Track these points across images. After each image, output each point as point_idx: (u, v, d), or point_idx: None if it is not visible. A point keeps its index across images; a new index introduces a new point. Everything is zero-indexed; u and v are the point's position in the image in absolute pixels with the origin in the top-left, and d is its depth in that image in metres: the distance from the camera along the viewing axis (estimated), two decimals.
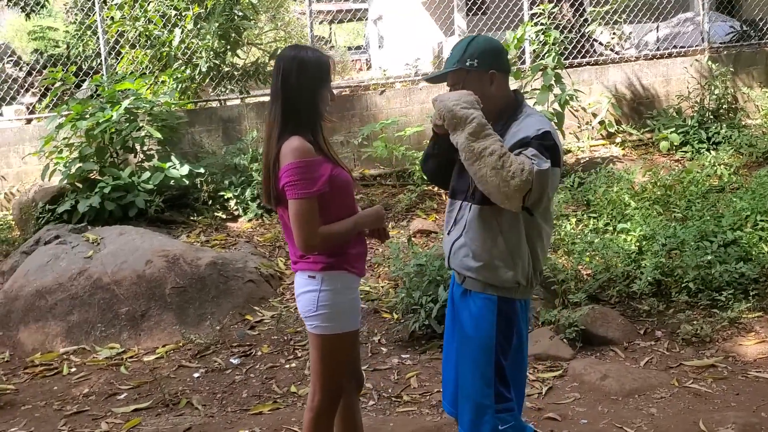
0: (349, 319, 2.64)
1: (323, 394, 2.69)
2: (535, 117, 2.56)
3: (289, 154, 2.50)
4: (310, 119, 2.58)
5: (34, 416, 3.97)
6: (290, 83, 2.55)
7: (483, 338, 2.59)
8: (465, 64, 2.53)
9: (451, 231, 2.67)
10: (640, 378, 4.03)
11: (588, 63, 8.85)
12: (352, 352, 2.74)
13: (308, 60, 2.57)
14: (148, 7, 7.87)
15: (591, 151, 8.42)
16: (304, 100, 2.56)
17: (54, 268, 5.34)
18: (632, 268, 5.05)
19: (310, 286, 2.61)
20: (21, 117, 8.10)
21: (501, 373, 2.61)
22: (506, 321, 2.60)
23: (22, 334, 4.99)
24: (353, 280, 2.65)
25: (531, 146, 2.43)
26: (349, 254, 2.63)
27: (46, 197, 6.76)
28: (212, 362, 4.56)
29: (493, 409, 2.59)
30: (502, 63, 2.59)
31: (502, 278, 2.56)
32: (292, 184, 2.49)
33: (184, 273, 5.32)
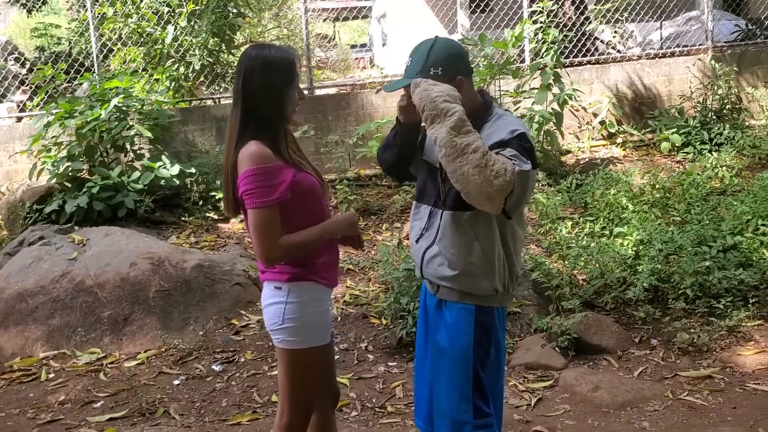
0: (317, 333, 2.50)
1: (292, 411, 2.56)
2: (508, 118, 2.45)
3: (246, 160, 2.36)
4: (272, 122, 2.43)
5: (6, 425, 3.86)
6: (253, 84, 2.40)
7: (460, 350, 2.47)
8: (429, 73, 2.37)
9: (419, 239, 2.53)
10: (633, 389, 3.89)
11: (589, 62, 8.69)
12: (322, 367, 2.60)
13: (272, 59, 2.41)
14: (140, 4, 7.74)
15: (591, 151, 8.26)
16: (268, 102, 2.41)
17: (36, 270, 5.22)
18: (628, 274, 4.90)
19: (276, 297, 2.47)
20: (12, 115, 7.99)
21: (479, 387, 2.48)
22: (484, 331, 2.48)
23: (2, 339, 4.87)
24: (322, 291, 2.51)
25: (510, 146, 2.31)
26: (317, 264, 2.48)
27: (33, 197, 6.65)
28: (194, 369, 4.43)
29: (471, 425, 2.47)
30: (466, 66, 2.46)
31: (479, 286, 2.44)
32: (250, 193, 2.35)
33: (169, 276, 5.19)
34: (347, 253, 6.10)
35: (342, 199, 6.88)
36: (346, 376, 4.25)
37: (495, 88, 7.40)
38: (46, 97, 7.52)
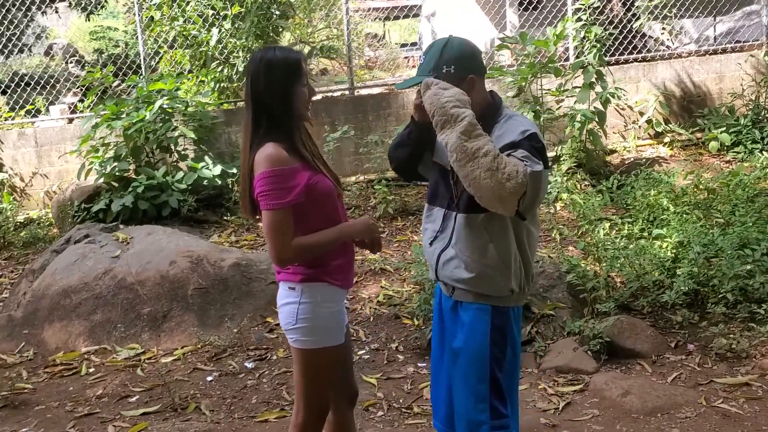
0: (330, 333, 2.53)
1: (307, 410, 2.59)
2: (518, 119, 2.44)
3: (262, 162, 2.40)
4: (284, 122, 2.46)
5: (45, 417, 4.00)
6: (259, 86, 2.45)
7: (476, 351, 2.47)
8: (441, 71, 2.39)
9: (433, 242, 2.54)
10: (665, 395, 3.80)
11: (635, 60, 8.51)
12: (335, 367, 2.62)
13: (275, 60, 2.46)
14: (186, 7, 7.91)
15: (637, 151, 8.10)
16: (276, 102, 2.45)
17: (81, 268, 5.39)
18: (665, 277, 4.79)
19: (290, 297, 2.51)
20: (63, 116, 8.27)
21: (496, 387, 2.48)
22: (500, 331, 2.48)
23: (47, 333, 5.05)
24: (335, 292, 2.53)
25: (521, 147, 2.30)
26: (331, 266, 2.51)
27: (82, 196, 6.87)
28: (227, 365, 4.52)
29: (488, 426, 2.46)
30: (478, 66, 2.46)
31: (495, 287, 2.45)
32: (264, 194, 2.39)
33: (207, 274, 5.30)
34: (382, 254, 6.13)
35: (381, 199, 6.90)
36: (374, 375, 4.27)
37: (537, 87, 7.32)
38: (96, 99, 7.75)
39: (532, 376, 4.23)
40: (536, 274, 5.03)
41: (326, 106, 7.92)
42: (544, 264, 5.12)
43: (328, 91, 8.56)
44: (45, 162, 7.81)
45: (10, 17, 9.30)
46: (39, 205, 7.93)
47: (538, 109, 7.07)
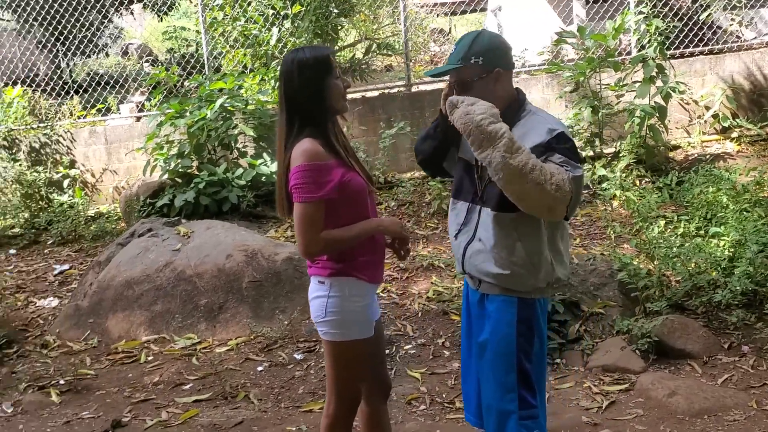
0: (359, 327, 2.60)
1: (338, 402, 2.67)
2: (542, 115, 2.48)
3: (299, 156, 2.47)
4: (319, 119, 2.53)
5: (105, 401, 4.21)
6: (293, 85, 2.53)
7: (502, 342, 2.51)
8: (470, 61, 2.43)
9: (458, 235, 2.57)
10: (713, 397, 3.72)
11: (701, 52, 8.25)
12: (365, 360, 2.68)
13: (305, 58, 2.53)
14: (247, 7, 8.11)
15: (702, 146, 7.85)
16: (310, 100, 2.52)
17: (143, 260, 5.63)
18: (721, 276, 4.66)
19: (319, 291, 2.59)
20: (132, 114, 8.61)
21: (525, 378, 2.51)
22: (526, 322, 2.51)
23: (110, 322, 5.30)
24: (363, 287, 2.59)
25: (556, 152, 2.32)
26: (358, 261, 2.57)
27: (147, 191, 7.15)
28: (277, 356, 4.65)
29: (516, 415, 2.49)
30: (507, 60, 2.49)
31: (522, 283, 2.48)
32: (298, 187, 2.46)
33: (261, 267, 5.44)
34: (435, 248, 6.17)
35: (435, 195, 6.93)
36: (419, 370, 4.33)
37: (595, 82, 7.20)
38: (162, 98, 8.04)
39: (577, 375, 4.20)
40: (588, 271, 4.99)
41: (383, 102, 8.00)
42: (596, 262, 5.06)
43: (384, 88, 8.63)
44: (114, 159, 8.16)
45: (90, 19, 9.72)
46: (108, 199, 8.29)
47: (596, 104, 6.96)
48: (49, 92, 9.30)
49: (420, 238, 6.44)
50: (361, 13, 11.65)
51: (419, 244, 6.32)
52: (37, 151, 8.42)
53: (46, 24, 9.73)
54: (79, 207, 7.68)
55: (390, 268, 5.86)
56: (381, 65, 14.92)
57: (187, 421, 3.88)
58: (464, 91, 2.48)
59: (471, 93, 2.46)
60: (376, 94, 8.44)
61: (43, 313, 5.76)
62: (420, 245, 6.27)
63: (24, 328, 5.48)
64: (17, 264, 6.99)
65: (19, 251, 7.35)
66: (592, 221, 6.36)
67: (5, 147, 8.37)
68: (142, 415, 4.01)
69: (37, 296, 6.10)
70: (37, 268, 6.83)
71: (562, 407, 3.82)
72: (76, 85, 10.27)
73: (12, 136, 8.41)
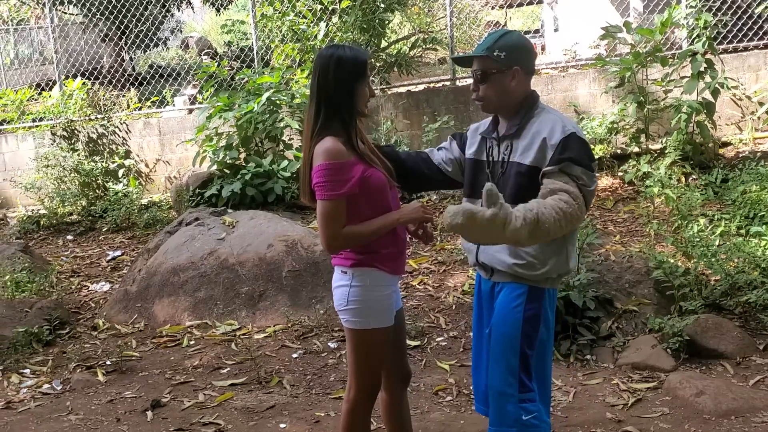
0: (379, 315, 2.69)
1: (358, 388, 2.76)
2: (554, 114, 2.55)
3: (321, 155, 2.56)
4: (344, 116, 2.61)
5: (147, 383, 4.42)
6: (327, 80, 2.60)
7: (509, 326, 2.58)
8: (493, 53, 2.52)
9: None
10: (742, 398, 3.68)
11: (756, 47, 8.04)
12: (385, 348, 2.77)
13: (345, 57, 2.60)
14: (296, 2, 8.27)
15: (755, 143, 7.68)
16: (340, 96, 2.60)
17: (189, 248, 5.83)
18: (760, 277, 4.59)
19: (342, 281, 2.70)
20: (185, 107, 8.88)
21: (525, 363, 2.58)
22: (533, 310, 2.57)
23: (156, 307, 5.52)
24: (384, 278, 2.68)
25: (574, 163, 2.40)
26: (380, 253, 2.66)
27: (197, 182, 7.39)
28: (312, 344, 4.78)
29: (516, 398, 2.57)
30: (527, 62, 2.56)
31: (534, 274, 2.55)
32: (321, 185, 2.56)
33: (300, 257, 5.59)
34: None
35: None
36: (448, 362, 4.40)
37: (642, 77, 7.11)
38: (213, 91, 8.28)
39: (607, 371, 4.20)
40: (624, 269, 4.96)
41: (427, 96, 8.05)
42: (633, 259, 5.03)
43: (429, 82, 8.68)
44: (167, 149, 8.44)
45: (153, 13, 10.05)
46: (161, 189, 8.59)
47: (642, 100, 6.87)
48: (114, 84, 9.67)
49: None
50: (415, 6, 11.69)
51: (458, 237, 6.37)
52: (95, 141, 8.77)
53: (112, 18, 10.10)
54: (133, 196, 7.99)
55: (428, 261, 5.94)
56: (434, 58, 14.94)
57: (222, 404, 4.04)
58: (482, 81, 2.56)
59: (488, 84, 2.54)
60: (421, 88, 8.50)
61: (95, 297, 6.04)
62: (459, 239, 6.33)
63: (77, 311, 5.76)
64: (73, 249, 7.32)
65: (75, 237, 7.70)
66: (634, 218, 6.31)
67: (65, 137, 8.74)
68: (180, 396, 4.19)
69: (90, 281, 6.39)
70: (91, 253, 7.15)
71: (588, 403, 3.84)
72: (140, 77, 10.64)
73: (71, 127, 8.77)
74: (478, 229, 2.11)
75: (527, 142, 2.49)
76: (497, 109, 2.61)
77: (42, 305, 5.48)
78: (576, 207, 2.33)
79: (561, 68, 8.85)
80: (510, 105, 2.56)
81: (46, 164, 8.40)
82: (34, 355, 4.91)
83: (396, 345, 2.89)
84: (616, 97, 7.53)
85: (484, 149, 2.64)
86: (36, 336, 5.04)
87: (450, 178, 2.83)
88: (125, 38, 12.32)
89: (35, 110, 9.65)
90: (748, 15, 8.09)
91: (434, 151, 2.87)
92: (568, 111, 7.84)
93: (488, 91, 2.55)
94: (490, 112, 2.64)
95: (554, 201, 2.31)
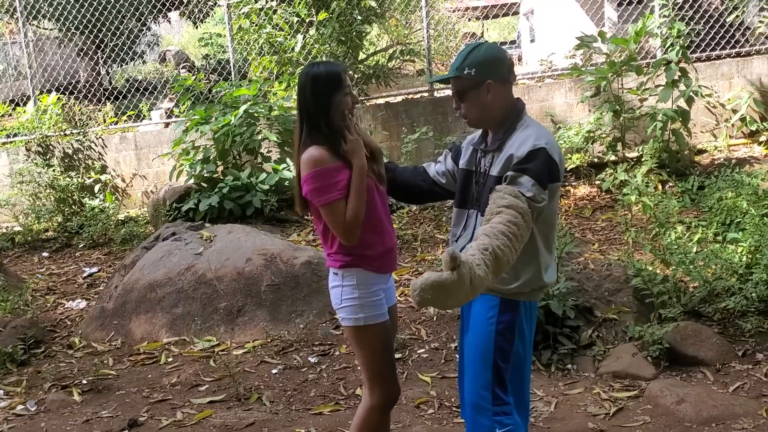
0: (372, 310, 2.75)
1: (377, 392, 2.79)
2: (531, 129, 2.54)
3: (306, 163, 2.69)
4: (325, 128, 2.72)
5: (124, 401, 4.34)
6: (306, 97, 2.75)
7: (481, 339, 2.58)
8: (463, 72, 2.54)
9: (459, 239, 2.65)
10: (722, 405, 3.69)
11: (728, 55, 8.14)
12: (386, 343, 2.80)
13: (318, 74, 2.74)
14: (273, 15, 8.25)
15: (729, 150, 7.75)
16: (319, 110, 2.72)
17: (166, 263, 5.76)
18: (738, 283, 4.61)
19: (335, 281, 2.80)
20: (161, 121, 8.81)
21: (499, 376, 2.56)
22: (507, 322, 2.56)
23: (133, 324, 5.44)
24: (371, 276, 2.76)
25: (526, 174, 2.39)
26: (366, 255, 2.75)
27: (174, 196, 7.31)
28: (292, 359, 4.73)
29: (490, 412, 2.56)
30: (499, 73, 2.55)
31: (507, 288, 2.54)
32: (314, 192, 2.66)
33: (280, 271, 5.54)
34: None
35: None
36: (430, 374, 4.37)
37: (618, 86, 7.16)
38: (190, 104, 8.22)
39: (588, 381, 4.20)
40: (603, 277, 4.97)
41: (406, 108, 8.06)
42: (612, 267, 5.04)
43: (407, 93, 8.69)
44: (144, 164, 8.36)
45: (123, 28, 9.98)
46: (138, 204, 8.50)
47: (617, 108, 6.92)
48: (90, 99, 9.58)
49: (440, 242, 6.49)
50: (392, 18, 11.70)
51: (439, 248, 6.36)
52: (71, 156, 8.66)
53: (87, 32, 10.01)
54: (110, 211, 7.89)
55: (408, 272, 5.92)
56: (413, 70, 14.99)
57: (201, 422, 3.98)
58: (461, 100, 2.60)
59: (466, 103, 2.58)
60: (400, 99, 8.51)
61: (71, 315, 5.94)
62: (440, 249, 6.32)
63: (52, 329, 5.66)
64: (49, 266, 7.21)
65: (51, 254, 7.58)
66: (612, 226, 6.34)
67: (40, 153, 8.63)
68: (158, 414, 4.12)
69: (66, 298, 6.29)
70: (67, 270, 7.04)
71: (569, 413, 3.83)
72: (117, 91, 10.54)
73: (47, 143, 8.67)
74: (447, 295, 2.05)
75: (501, 156, 2.51)
76: (480, 124, 2.63)
77: (16, 324, 5.39)
78: (524, 225, 2.31)
79: (537, 78, 8.91)
80: (492, 118, 2.57)
81: (20, 180, 8.29)
82: (7, 375, 4.81)
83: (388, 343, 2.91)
84: (592, 107, 7.58)
85: (474, 160, 2.66)
86: (10, 356, 4.95)
87: (446, 189, 2.86)
88: (101, 52, 12.25)
89: (9, 126, 9.53)
90: (720, 24, 8.20)
91: (431, 165, 2.94)
92: (545, 121, 7.87)
93: (469, 108, 2.59)
94: (474, 127, 2.66)
95: (504, 226, 2.26)
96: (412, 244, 6.42)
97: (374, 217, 2.76)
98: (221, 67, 12.44)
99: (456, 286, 2.02)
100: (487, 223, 2.31)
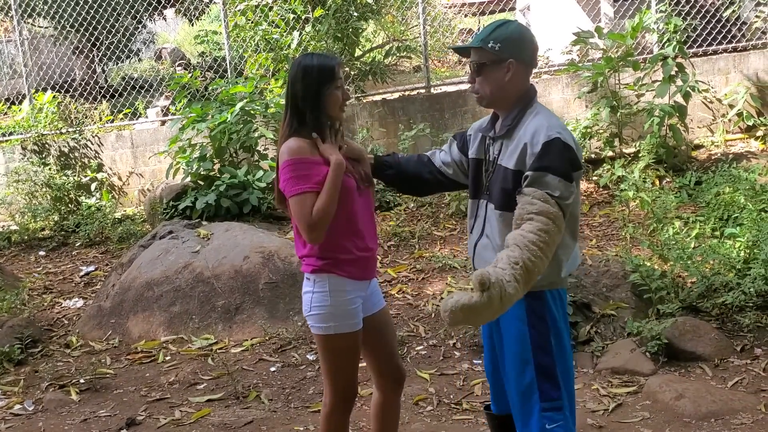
0: (342, 320, 2.67)
1: (332, 392, 2.77)
2: (542, 116, 2.45)
3: (284, 153, 2.61)
4: (313, 121, 2.64)
5: (122, 400, 4.33)
6: (295, 88, 2.66)
7: (515, 338, 2.50)
8: (487, 45, 2.44)
9: (472, 230, 2.61)
10: (721, 400, 3.69)
11: (725, 50, 8.13)
12: (353, 352, 2.74)
13: (311, 65, 2.65)
14: (269, 12, 8.22)
15: (726, 145, 7.75)
16: (307, 102, 2.63)
17: (163, 262, 5.75)
18: (736, 278, 4.62)
19: (307, 287, 2.73)
20: (157, 118, 8.78)
21: (543, 370, 2.47)
22: (538, 315, 2.48)
23: (131, 323, 5.42)
24: (345, 282, 2.67)
25: (550, 172, 2.32)
26: (339, 259, 2.66)
27: (170, 194, 7.29)
28: (290, 357, 4.72)
29: (539, 408, 2.48)
30: (524, 55, 2.47)
31: None
32: (287, 181, 2.59)
33: (277, 269, 5.53)
34: (452, 250, 6.20)
35: (453, 196, 6.95)
36: (428, 371, 4.36)
37: (615, 82, 7.16)
38: (186, 102, 8.19)
39: (586, 377, 4.20)
40: (601, 273, 4.97)
41: (402, 104, 8.04)
42: (610, 263, 5.04)
43: (404, 90, 8.67)
44: (140, 162, 8.34)
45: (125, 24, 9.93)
46: (134, 202, 8.48)
47: (614, 104, 6.92)
48: (86, 97, 9.55)
49: (437, 239, 6.48)
50: (389, 15, 11.68)
51: (436, 245, 6.35)
52: (67, 155, 8.64)
53: (83, 30, 9.98)
54: (106, 210, 7.87)
55: (406, 269, 5.91)
56: (410, 66, 14.96)
57: (199, 420, 3.97)
58: (478, 73, 2.50)
59: (482, 77, 2.49)
60: (396, 96, 8.49)
61: (68, 314, 5.92)
62: (437, 246, 6.31)
63: (49, 328, 5.65)
64: (46, 265, 7.19)
65: (48, 253, 7.56)
66: (610, 222, 6.33)
67: (36, 151, 8.60)
68: (156, 413, 4.11)
69: (63, 297, 6.28)
70: (64, 269, 7.02)
71: None
72: (112, 89, 10.52)
73: (42, 141, 8.64)
74: (477, 316, 2.07)
75: (513, 145, 2.43)
76: (491, 103, 2.52)
77: (13, 323, 5.37)
78: (555, 230, 2.26)
79: (534, 74, 8.89)
80: (505, 100, 2.48)
81: (16, 179, 8.26)
82: (4, 375, 4.80)
83: (381, 345, 2.89)
84: (589, 102, 7.57)
85: (483, 148, 2.58)
86: (7, 355, 4.93)
87: (452, 180, 2.78)
88: (97, 50, 12.18)
89: (5, 124, 9.49)
90: (716, 19, 8.19)
91: (436, 153, 2.82)
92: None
93: (483, 84, 2.49)
94: (485, 106, 2.54)
95: (534, 236, 2.22)
96: (410, 241, 6.41)
97: (352, 219, 2.67)
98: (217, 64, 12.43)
99: (485, 307, 2.04)
100: (518, 229, 2.27)
